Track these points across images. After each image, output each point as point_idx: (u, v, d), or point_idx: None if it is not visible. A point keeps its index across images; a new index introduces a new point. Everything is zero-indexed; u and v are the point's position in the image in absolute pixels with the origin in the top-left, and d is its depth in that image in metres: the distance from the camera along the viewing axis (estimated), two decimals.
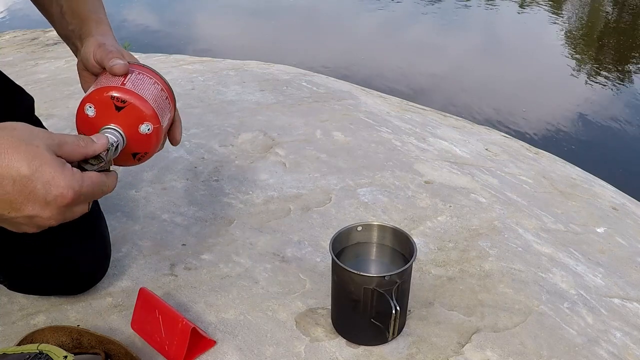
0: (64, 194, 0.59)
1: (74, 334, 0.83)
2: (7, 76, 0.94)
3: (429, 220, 1.18)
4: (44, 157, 0.58)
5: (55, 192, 0.58)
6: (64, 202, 0.60)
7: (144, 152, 0.74)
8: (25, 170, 0.57)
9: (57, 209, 0.60)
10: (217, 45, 4.56)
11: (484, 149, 1.58)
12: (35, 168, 0.57)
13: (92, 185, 0.63)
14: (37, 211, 0.59)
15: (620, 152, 3.17)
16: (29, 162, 0.57)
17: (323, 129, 1.55)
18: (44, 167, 0.58)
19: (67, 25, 0.83)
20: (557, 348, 0.89)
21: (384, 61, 4.36)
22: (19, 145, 0.57)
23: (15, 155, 0.57)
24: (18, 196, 0.58)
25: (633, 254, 1.16)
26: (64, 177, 0.59)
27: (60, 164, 0.59)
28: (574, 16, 5.74)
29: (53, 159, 0.59)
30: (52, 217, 0.60)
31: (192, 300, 0.95)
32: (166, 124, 0.75)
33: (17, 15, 5.62)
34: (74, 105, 0.73)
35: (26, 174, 0.57)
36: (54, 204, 0.59)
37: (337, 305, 0.89)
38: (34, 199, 0.58)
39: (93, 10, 0.83)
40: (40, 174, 0.58)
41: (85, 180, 0.62)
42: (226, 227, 1.14)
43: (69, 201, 0.60)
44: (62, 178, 0.59)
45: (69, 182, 0.59)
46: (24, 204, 0.58)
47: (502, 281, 1.02)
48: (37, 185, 0.58)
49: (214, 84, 1.88)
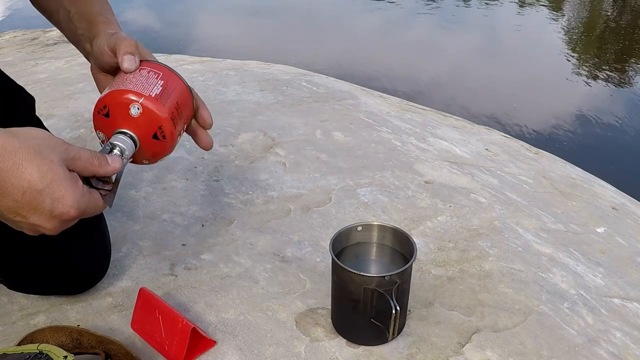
0: (70, 212, 0.61)
1: (74, 334, 0.83)
2: (8, 76, 0.94)
3: (429, 220, 1.18)
4: (56, 172, 0.59)
5: (61, 209, 0.60)
6: (68, 218, 0.61)
7: (156, 155, 0.73)
8: (38, 184, 0.58)
9: (60, 222, 0.62)
10: (217, 45, 4.56)
11: (484, 149, 1.58)
12: (47, 183, 0.59)
13: (95, 207, 0.65)
14: (41, 222, 0.61)
15: (620, 152, 3.17)
16: (42, 177, 0.58)
17: (323, 129, 1.55)
18: (55, 183, 0.59)
19: (75, 29, 0.83)
20: (557, 348, 0.89)
21: (384, 61, 4.36)
22: (34, 158, 0.58)
23: (29, 168, 0.58)
24: (26, 206, 0.59)
25: (633, 254, 1.16)
26: (73, 196, 0.61)
27: (71, 182, 0.61)
28: (574, 16, 5.74)
29: (65, 176, 0.60)
30: (54, 228, 0.62)
31: (192, 300, 0.95)
32: (182, 127, 0.74)
33: (17, 15, 5.62)
34: (74, 105, 0.73)
35: (38, 188, 0.58)
36: (58, 219, 0.61)
37: (337, 305, 0.89)
38: (41, 211, 0.60)
39: (101, 13, 0.82)
40: (51, 189, 0.59)
41: (91, 202, 0.64)
42: (226, 227, 1.14)
43: (72, 218, 0.62)
44: (71, 197, 0.60)
45: (77, 201, 0.61)
46: (30, 214, 0.60)
47: (502, 281, 1.02)
48: (45, 199, 0.59)
49: (214, 84, 1.88)
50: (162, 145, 0.72)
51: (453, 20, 5.56)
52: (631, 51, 4.80)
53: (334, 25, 5.42)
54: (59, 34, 2.94)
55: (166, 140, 0.71)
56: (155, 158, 0.74)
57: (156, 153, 0.73)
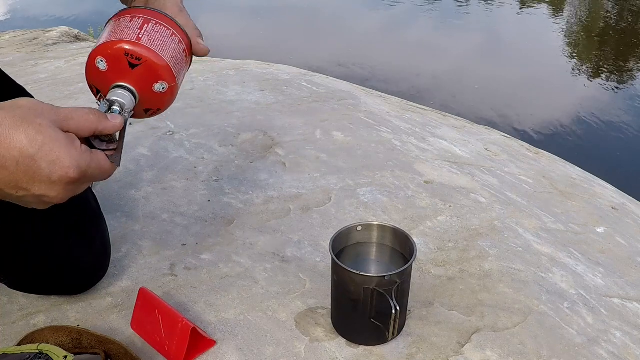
0: (69, 173, 0.57)
1: (74, 334, 0.83)
2: (8, 76, 0.94)
3: (428, 220, 1.18)
4: (48, 134, 0.56)
5: (60, 172, 0.57)
6: (69, 181, 0.58)
7: (156, 108, 0.70)
8: (29, 149, 0.55)
9: (63, 187, 0.58)
10: (217, 45, 4.56)
11: (484, 148, 1.58)
12: (39, 147, 0.56)
13: (100, 168, 0.61)
14: (44, 190, 0.58)
15: (620, 152, 3.17)
16: (32, 141, 0.55)
17: (323, 129, 1.55)
18: (47, 145, 0.56)
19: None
20: (557, 348, 0.89)
21: (384, 61, 4.36)
22: (21, 125, 0.55)
23: (17, 135, 0.55)
24: (23, 176, 0.56)
25: (633, 254, 1.16)
26: (69, 155, 0.57)
27: (67, 141, 0.58)
28: (574, 16, 5.74)
29: (58, 136, 0.57)
30: (59, 195, 0.59)
31: (192, 300, 0.95)
32: (182, 79, 0.72)
33: (17, 15, 5.62)
34: (74, 105, 0.73)
35: (30, 153, 0.55)
36: (60, 183, 0.58)
37: (337, 305, 0.89)
38: (40, 178, 0.57)
39: None
40: (44, 153, 0.56)
41: (93, 161, 0.60)
42: (226, 227, 1.14)
43: (74, 180, 0.58)
44: (67, 156, 0.57)
45: (75, 160, 0.58)
46: (31, 184, 0.57)
47: (502, 281, 1.02)
48: (41, 164, 0.56)
49: (213, 84, 1.88)
50: (162, 97, 0.68)
51: (453, 20, 5.56)
52: (631, 51, 4.80)
53: (334, 25, 5.42)
54: (59, 34, 2.94)
55: (166, 93, 0.68)
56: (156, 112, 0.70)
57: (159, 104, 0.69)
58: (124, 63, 0.65)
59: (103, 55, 0.65)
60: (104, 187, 1.23)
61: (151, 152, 1.40)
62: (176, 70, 0.69)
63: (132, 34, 0.66)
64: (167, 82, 0.68)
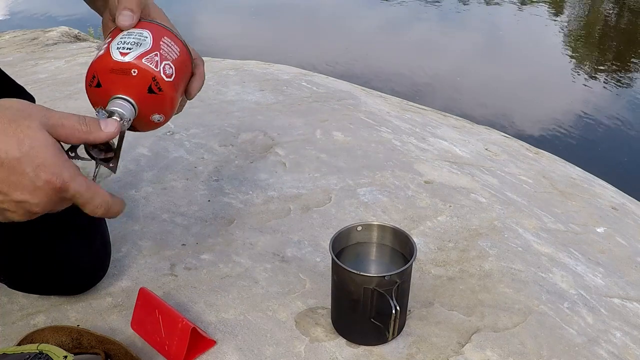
0: (53, 180, 0.55)
1: (74, 334, 0.83)
2: (8, 76, 0.94)
3: (429, 220, 1.18)
4: (35, 138, 0.54)
5: (44, 177, 0.55)
6: (53, 187, 0.56)
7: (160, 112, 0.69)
8: (15, 152, 0.54)
9: (47, 195, 0.56)
10: (217, 45, 4.56)
11: (484, 148, 1.58)
12: (26, 150, 0.54)
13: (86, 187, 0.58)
14: (26, 196, 0.55)
15: (620, 152, 3.17)
16: (19, 144, 0.54)
17: (323, 129, 1.55)
18: (35, 149, 0.54)
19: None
20: (557, 348, 0.89)
21: (384, 61, 4.36)
22: (9, 127, 0.54)
23: (4, 136, 0.53)
24: (6, 179, 0.54)
25: (633, 254, 1.16)
26: (54, 162, 0.55)
27: (55, 147, 0.56)
28: (574, 16, 5.74)
29: (46, 141, 0.55)
30: (41, 203, 0.56)
31: (192, 300, 0.95)
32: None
33: (17, 15, 5.62)
34: (74, 105, 0.72)
35: (16, 155, 0.54)
36: (43, 190, 0.55)
37: (337, 305, 0.89)
38: (23, 183, 0.54)
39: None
40: (30, 157, 0.54)
41: (78, 178, 0.57)
42: (226, 227, 1.14)
43: (58, 188, 0.56)
44: (53, 162, 0.55)
45: (59, 168, 0.55)
46: (12, 188, 0.55)
47: (502, 281, 1.02)
48: (26, 168, 0.54)
49: (213, 84, 1.88)
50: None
51: (453, 20, 5.56)
52: (631, 51, 4.80)
53: (334, 25, 5.42)
54: (59, 34, 2.94)
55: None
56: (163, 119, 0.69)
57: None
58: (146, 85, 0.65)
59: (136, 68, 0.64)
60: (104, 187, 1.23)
61: (151, 152, 1.40)
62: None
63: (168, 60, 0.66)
64: (165, 116, 0.69)
